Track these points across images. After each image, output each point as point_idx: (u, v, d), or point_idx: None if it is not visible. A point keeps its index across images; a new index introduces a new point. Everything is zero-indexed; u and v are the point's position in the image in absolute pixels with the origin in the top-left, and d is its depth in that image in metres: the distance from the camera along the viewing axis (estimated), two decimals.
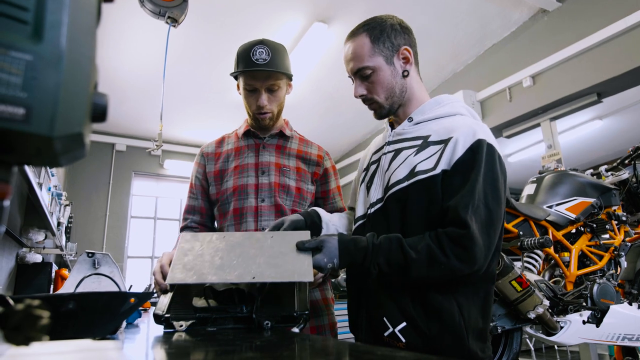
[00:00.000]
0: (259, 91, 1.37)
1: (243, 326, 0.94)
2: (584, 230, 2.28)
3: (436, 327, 0.93)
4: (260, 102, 1.37)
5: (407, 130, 1.11)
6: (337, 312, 1.49)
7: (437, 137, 1.03)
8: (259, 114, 1.40)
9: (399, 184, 1.02)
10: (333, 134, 6.41)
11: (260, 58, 1.33)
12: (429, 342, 0.93)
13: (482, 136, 0.98)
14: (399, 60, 1.09)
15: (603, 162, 3.81)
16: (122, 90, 4.86)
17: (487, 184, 0.94)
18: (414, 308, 0.95)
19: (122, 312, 0.77)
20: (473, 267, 0.90)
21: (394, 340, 0.97)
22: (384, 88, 1.08)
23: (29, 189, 1.80)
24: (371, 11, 1.24)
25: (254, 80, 1.36)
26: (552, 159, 3.90)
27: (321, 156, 1.53)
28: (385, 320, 0.98)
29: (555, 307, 1.99)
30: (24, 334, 0.32)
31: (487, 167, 0.95)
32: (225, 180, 1.43)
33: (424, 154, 1.02)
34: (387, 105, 1.11)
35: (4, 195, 0.30)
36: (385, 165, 1.11)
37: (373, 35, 1.07)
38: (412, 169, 1.01)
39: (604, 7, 3.54)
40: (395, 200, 1.02)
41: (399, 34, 1.09)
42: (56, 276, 2.64)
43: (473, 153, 0.95)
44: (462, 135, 0.98)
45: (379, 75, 1.07)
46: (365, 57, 1.07)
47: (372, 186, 1.13)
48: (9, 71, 0.26)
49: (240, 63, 1.37)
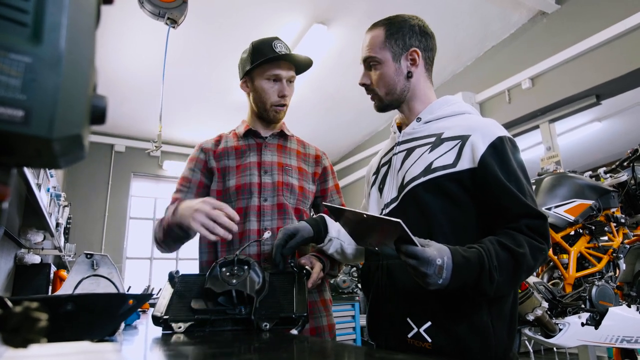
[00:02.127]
0: (282, 81, 1.40)
1: (242, 328, 0.94)
2: (582, 233, 2.28)
3: (463, 326, 0.92)
4: (284, 90, 1.40)
5: (418, 130, 1.11)
6: (336, 314, 1.49)
7: (451, 133, 1.03)
8: (277, 105, 1.42)
9: (414, 180, 1.02)
10: (333, 135, 6.41)
11: (282, 50, 1.38)
12: (455, 342, 0.91)
13: (500, 132, 1.00)
14: (407, 60, 1.10)
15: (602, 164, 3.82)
16: (122, 91, 4.86)
17: (524, 175, 0.98)
18: (440, 307, 0.93)
19: (121, 314, 0.77)
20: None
21: (418, 341, 0.95)
22: (384, 83, 1.11)
23: (27, 190, 1.80)
24: (371, 12, 1.25)
25: (279, 69, 1.39)
26: (551, 160, 3.91)
27: (319, 156, 1.54)
28: (409, 320, 0.96)
29: (554, 309, 1.99)
30: (22, 336, 0.32)
31: (516, 158, 0.99)
32: (228, 179, 1.41)
33: (440, 151, 1.02)
34: (385, 101, 1.13)
35: (3, 197, 0.30)
36: (397, 165, 1.11)
37: (389, 31, 1.10)
38: (428, 165, 1.01)
39: (602, 10, 3.55)
40: (412, 197, 1.02)
41: (415, 36, 1.10)
42: (55, 277, 2.63)
43: (498, 148, 0.97)
44: (480, 133, 0.99)
45: (382, 69, 1.10)
46: (375, 48, 1.10)
47: (385, 187, 1.12)
48: (8, 73, 0.26)
49: (260, 54, 1.38)
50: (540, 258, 0.90)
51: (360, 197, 6.76)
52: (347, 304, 3.88)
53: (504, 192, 0.93)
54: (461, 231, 0.96)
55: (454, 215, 0.97)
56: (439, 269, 0.80)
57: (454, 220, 0.97)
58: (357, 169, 6.64)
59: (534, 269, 0.92)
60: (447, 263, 0.81)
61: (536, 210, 0.91)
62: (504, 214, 0.93)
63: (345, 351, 0.67)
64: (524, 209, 0.91)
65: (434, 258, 0.80)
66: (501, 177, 0.94)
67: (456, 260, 0.83)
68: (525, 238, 0.89)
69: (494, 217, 0.95)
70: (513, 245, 0.87)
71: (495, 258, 0.85)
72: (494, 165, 0.95)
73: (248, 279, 0.98)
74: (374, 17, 1.15)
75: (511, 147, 1.00)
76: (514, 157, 0.98)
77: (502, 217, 0.93)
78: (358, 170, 6.60)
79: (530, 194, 0.96)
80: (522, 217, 0.91)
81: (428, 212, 0.98)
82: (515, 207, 0.92)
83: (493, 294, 0.87)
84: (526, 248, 0.87)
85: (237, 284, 0.96)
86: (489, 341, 0.91)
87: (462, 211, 0.98)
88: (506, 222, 0.92)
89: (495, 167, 0.95)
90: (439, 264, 0.80)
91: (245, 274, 1.00)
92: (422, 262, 0.79)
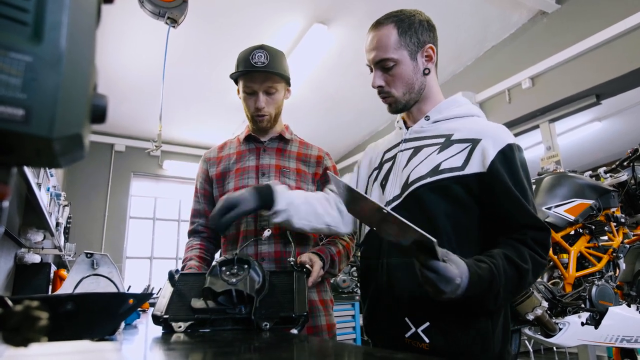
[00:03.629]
0: (257, 93, 1.41)
1: (242, 327, 0.94)
2: (582, 232, 2.28)
3: (462, 328, 0.91)
4: (258, 104, 1.41)
5: (426, 129, 1.10)
6: (336, 314, 1.49)
7: (461, 135, 1.02)
8: (257, 116, 1.44)
9: (420, 180, 1.01)
10: (333, 135, 6.41)
11: (258, 61, 1.37)
12: (453, 342, 0.91)
13: (510, 140, 1.00)
14: (422, 57, 1.08)
15: (602, 163, 3.82)
16: (122, 90, 4.86)
17: (529, 184, 0.98)
18: (439, 308, 0.92)
19: (121, 313, 0.77)
20: None
21: (416, 341, 0.94)
22: (403, 83, 1.07)
23: (27, 189, 1.80)
24: (371, 12, 1.25)
25: (252, 83, 1.40)
26: (551, 160, 3.91)
27: (321, 156, 1.55)
28: (407, 320, 0.96)
29: (553, 309, 1.99)
30: (22, 335, 0.32)
31: (523, 167, 0.99)
32: (227, 182, 1.47)
33: (449, 152, 1.01)
34: (403, 101, 1.09)
35: (3, 196, 0.30)
36: (402, 162, 1.09)
37: (401, 28, 1.05)
38: (436, 166, 1.00)
39: (602, 9, 3.55)
40: (416, 197, 1.01)
41: (426, 31, 1.08)
42: (55, 277, 2.63)
43: (508, 156, 0.97)
44: (492, 138, 0.99)
45: (400, 69, 1.05)
46: (390, 48, 1.04)
47: (388, 184, 1.10)
48: (8, 72, 0.26)
49: (239, 66, 1.41)
50: (540, 274, 0.92)
51: None
52: (347, 303, 3.88)
53: (512, 200, 0.93)
54: (464, 233, 0.97)
55: (458, 217, 0.97)
56: (456, 287, 0.79)
57: (456, 222, 0.97)
58: None
59: (533, 283, 0.92)
60: (464, 282, 0.80)
61: (541, 222, 0.92)
62: (509, 221, 0.93)
63: (345, 351, 0.67)
64: (530, 220, 0.92)
65: (454, 277, 0.77)
66: (510, 184, 0.94)
67: (472, 279, 0.81)
68: (530, 253, 0.89)
69: (498, 223, 0.95)
70: (519, 260, 0.88)
71: (503, 276, 0.85)
72: (502, 172, 0.95)
73: (248, 278, 0.98)
74: (375, 17, 1.13)
75: (519, 155, 1.00)
76: (521, 166, 0.99)
77: (507, 225, 0.93)
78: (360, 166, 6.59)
79: (533, 203, 0.97)
80: (527, 228, 0.91)
81: (431, 213, 0.98)
82: (522, 217, 0.92)
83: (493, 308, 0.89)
84: (530, 264, 0.88)
85: (237, 283, 0.96)
86: (487, 342, 0.91)
87: (465, 214, 0.97)
88: (511, 230, 0.93)
89: (504, 174, 0.95)
90: (458, 283, 0.78)
91: (245, 273, 1.00)
92: (441, 279, 0.77)
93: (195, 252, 1.43)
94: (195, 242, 1.48)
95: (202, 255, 1.43)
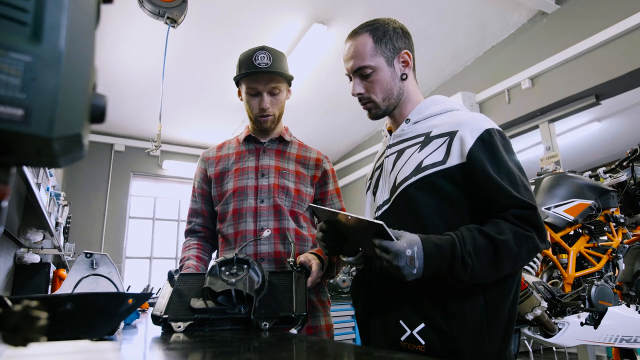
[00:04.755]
0: (261, 94, 1.41)
1: (241, 327, 0.94)
2: (582, 232, 2.28)
3: (457, 328, 0.91)
4: (263, 104, 1.41)
5: (407, 131, 1.11)
6: (335, 314, 1.49)
7: (439, 130, 1.03)
8: (261, 117, 1.44)
9: (406, 180, 1.02)
10: (332, 136, 6.41)
11: (262, 62, 1.37)
12: (449, 343, 0.90)
13: (488, 125, 1.00)
14: (399, 63, 1.11)
15: (601, 164, 3.83)
16: (121, 90, 4.85)
17: (516, 165, 0.97)
18: (433, 308, 0.92)
19: (120, 313, 0.77)
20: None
21: (412, 343, 0.94)
22: (382, 89, 1.09)
23: (27, 189, 1.80)
24: (371, 13, 1.25)
25: (256, 84, 1.40)
26: (551, 160, 3.91)
27: (320, 159, 1.55)
28: (402, 323, 0.96)
29: (553, 309, 1.99)
30: (21, 335, 0.32)
31: (507, 150, 0.98)
32: (226, 182, 1.47)
33: (429, 149, 1.02)
34: (383, 106, 1.12)
35: (3, 196, 0.30)
36: (389, 167, 1.11)
37: (376, 36, 1.08)
38: (418, 164, 1.01)
39: (602, 10, 3.55)
40: (404, 197, 1.02)
41: (400, 38, 1.10)
42: (54, 276, 2.63)
43: (487, 141, 0.96)
44: (468, 127, 0.99)
45: (378, 75, 1.08)
46: (367, 56, 1.07)
47: (378, 190, 1.13)
48: (8, 72, 0.26)
49: (242, 68, 1.41)
50: (528, 245, 0.89)
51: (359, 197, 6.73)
52: (347, 303, 3.88)
53: (493, 185, 0.92)
54: (454, 229, 0.96)
55: (447, 212, 0.97)
56: (410, 259, 0.82)
57: (446, 218, 0.97)
58: (356, 170, 6.63)
59: (520, 256, 0.89)
60: (417, 253, 0.83)
61: (525, 201, 0.91)
62: (493, 207, 0.93)
63: (345, 351, 0.67)
64: (512, 200, 0.91)
65: (403, 250, 0.82)
66: (490, 170, 0.93)
67: (427, 249, 0.84)
68: (510, 225, 0.89)
69: (484, 211, 0.95)
70: (493, 232, 0.87)
71: (470, 244, 0.86)
72: (482, 158, 0.95)
73: (247, 278, 0.98)
74: (374, 17, 1.14)
75: (500, 139, 0.99)
76: (504, 149, 0.98)
77: (492, 210, 0.93)
78: (357, 170, 6.59)
79: (523, 184, 0.95)
80: (510, 208, 0.91)
81: (420, 211, 0.98)
82: (504, 200, 0.91)
83: (469, 280, 0.86)
84: (509, 235, 0.87)
85: (236, 283, 0.96)
86: (483, 343, 0.91)
87: (454, 208, 0.97)
88: (496, 214, 0.92)
89: (484, 160, 0.94)
90: (409, 254, 0.82)
91: (244, 273, 1.00)
92: (393, 255, 0.81)
93: (193, 252, 1.43)
94: (192, 242, 1.48)
95: (200, 254, 1.43)
